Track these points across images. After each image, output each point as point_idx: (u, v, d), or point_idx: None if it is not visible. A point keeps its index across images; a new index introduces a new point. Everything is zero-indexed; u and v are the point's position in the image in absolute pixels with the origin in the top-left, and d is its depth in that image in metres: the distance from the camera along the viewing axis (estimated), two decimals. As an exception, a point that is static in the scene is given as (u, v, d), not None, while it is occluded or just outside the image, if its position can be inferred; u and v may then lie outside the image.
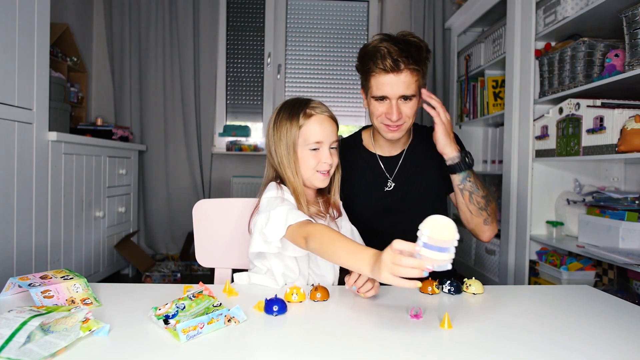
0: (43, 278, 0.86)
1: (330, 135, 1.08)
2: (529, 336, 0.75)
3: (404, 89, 1.16)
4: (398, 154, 1.35)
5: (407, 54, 1.14)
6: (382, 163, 1.35)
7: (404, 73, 1.15)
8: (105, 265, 2.67)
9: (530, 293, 1.01)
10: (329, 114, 1.10)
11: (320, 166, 1.07)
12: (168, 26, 3.26)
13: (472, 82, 2.87)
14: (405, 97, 1.18)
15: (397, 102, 1.18)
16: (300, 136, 1.06)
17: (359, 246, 0.83)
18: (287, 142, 1.07)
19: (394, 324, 0.79)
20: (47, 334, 0.65)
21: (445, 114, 1.20)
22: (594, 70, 1.79)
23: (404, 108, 1.20)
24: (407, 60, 1.14)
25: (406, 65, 1.14)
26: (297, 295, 0.90)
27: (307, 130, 1.06)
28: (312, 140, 1.06)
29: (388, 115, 1.20)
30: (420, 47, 1.16)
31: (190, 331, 0.69)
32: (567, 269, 1.86)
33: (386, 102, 1.20)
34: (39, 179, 1.97)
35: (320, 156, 1.07)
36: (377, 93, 1.19)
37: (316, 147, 1.06)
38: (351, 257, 0.81)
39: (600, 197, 1.86)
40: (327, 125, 1.08)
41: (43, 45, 1.97)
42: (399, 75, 1.15)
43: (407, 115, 1.21)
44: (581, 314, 0.87)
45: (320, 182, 1.09)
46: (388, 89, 1.17)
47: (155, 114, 3.28)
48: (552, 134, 1.96)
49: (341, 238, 0.85)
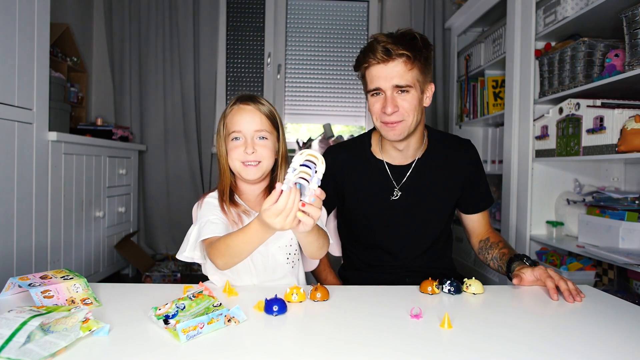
0: (43, 278, 0.86)
1: (250, 124, 1.05)
2: (529, 336, 0.75)
3: (397, 78, 1.10)
4: (408, 163, 1.26)
5: (398, 41, 1.10)
6: (390, 171, 1.27)
7: (396, 61, 1.10)
8: (105, 265, 2.66)
9: (530, 293, 1.01)
10: (254, 106, 1.07)
11: (243, 157, 1.05)
12: (168, 26, 3.26)
13: (472, 82, 2.87)
14: (401, 89, 1.11)
15: (392, 94, 1.12)
16: (224, 126, 1.09)
17: (248, 225, 0.87)
18: (219, 131, 1.11)
19: (394, 324, 0.79)
20: (47, 334, 0.65)
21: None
22: (594, 70, 1.79)
23: (401, 101, 1.13)
24: (397, 47, 1.09)
25: (396, 52, 1.09)
26: (297, 295, 0.90)
27: (229, 121, 1.08)
28: (231, 130, 1.07)
29: (383, 109, 1.13)
30: (413, 37, 1.12)
31: (190, 331, 0.70)
32: (567, 269, 1.86)
33: (381, 95, 1.14)
34: (39, 179, 1.97)
35: (241, 147, 1.05)
36: (370, 86, 1.15)
37: (236, 137, 1.06)
38: (247, 233, 0.87)
39: (600, 197, 1.86)
40: (248, 115, 1.06)
41: (43, 45, 1.97)
42: (390, 64, 1.10)
43: (405, 109, 1.13)
44: (581, 314, 0.87)
45: (247, 174, 1.06)
46: (381, 80, 1.12)
47: (155, 114, 3.28)
48: (552, 134, 1.96)
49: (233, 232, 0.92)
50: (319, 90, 3.53)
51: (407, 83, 1.11)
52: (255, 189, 1.12)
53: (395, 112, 1.12)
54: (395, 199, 1.25)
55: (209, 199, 1.09)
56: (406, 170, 1.26)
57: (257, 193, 1.13)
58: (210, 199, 1.09)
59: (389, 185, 1.26)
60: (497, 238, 1.30)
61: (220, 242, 0.92)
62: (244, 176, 1.07)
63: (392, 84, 1.11)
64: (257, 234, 0.86)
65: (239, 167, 1.06)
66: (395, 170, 1.27)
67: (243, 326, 0.76)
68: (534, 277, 1.04)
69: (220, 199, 1.08)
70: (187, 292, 0.82)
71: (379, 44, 1.10)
